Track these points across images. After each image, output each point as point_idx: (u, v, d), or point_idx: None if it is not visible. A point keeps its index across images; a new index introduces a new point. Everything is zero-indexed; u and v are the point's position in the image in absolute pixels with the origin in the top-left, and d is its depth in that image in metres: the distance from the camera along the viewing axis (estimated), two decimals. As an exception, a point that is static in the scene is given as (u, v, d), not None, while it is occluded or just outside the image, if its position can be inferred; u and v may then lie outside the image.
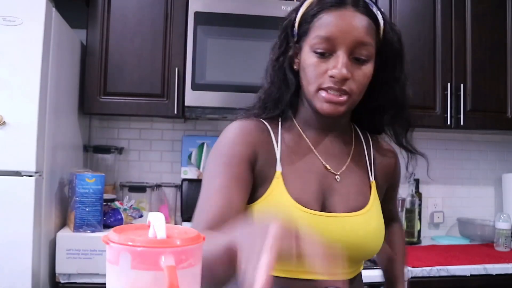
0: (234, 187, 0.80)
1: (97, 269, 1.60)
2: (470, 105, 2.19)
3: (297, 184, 0.84)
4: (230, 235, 0.59)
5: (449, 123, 2.16)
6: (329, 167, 0.88)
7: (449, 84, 2.16)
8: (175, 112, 1.95)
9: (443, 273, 1.81)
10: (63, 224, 1.80)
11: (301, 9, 0.86)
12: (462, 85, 2.17)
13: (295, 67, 0.88)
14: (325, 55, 0.81)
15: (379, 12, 0.84)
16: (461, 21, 2.21)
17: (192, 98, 1.90)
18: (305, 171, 0.87)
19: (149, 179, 2.27)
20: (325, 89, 0.81)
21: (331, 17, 0.81)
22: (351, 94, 0.82)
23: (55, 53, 1.63)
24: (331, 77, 0.80)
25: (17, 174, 1.48)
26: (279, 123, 0.91)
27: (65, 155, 1.85)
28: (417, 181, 2.42)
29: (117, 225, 1.78)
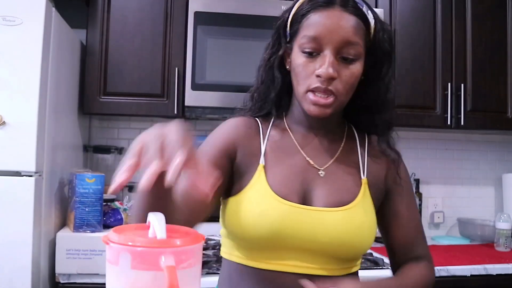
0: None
1: (97, 269, 1.60)
2: (470, 105, 2.19)
3: (278, 177, 0.86)
4: None
5: (449, 123, 2.16)
6: (312, 162, 0.89)
7: (449, 84, 2.16)
8: (175, 112, 1.95)
9: (443, 273, 1.81)
10: (63, 224, 1.80)
11: (293, 9, 0.87)
12: (462, 85, 2.17)
13: (287, 67, 0.89)
14: (313, 54, 0.82)
15: (369, 12, 0.84)
16: (461, 21, 2.21)
17: (192, 98, 1.89)
18: (287, 165, 0.88)
19: (149, 179, 2.27)
20: (312, 90, 0.82)
21: (319, 17, 0.82)
22: (337, 95, 0.82)
23: (55, 53, 1.63)
24: (318, 76, 0.81)
25: (17, 174, 1.48)
26: (271, 120, 0.94)
27: (65, 155, 1.85)
28: (417, 181, 2.42)
29: (117, 225, 1.78)
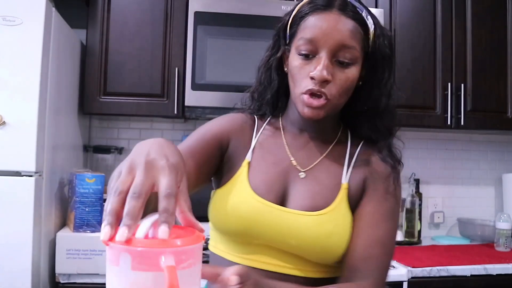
0: (195, 150, 0.85)
1: (97, 269, 1.60)
2: (470, 105, 2.19)
3: (259, 175, 0.87)
4: None
5: (449, 123, 2.16)
6: (295, 163, 0.89)
7: (449, 84, 2.16)
8: (175, 112, 1.95)
9: (443, 273, 1.81)
10: (63, 224, 1.80)
11: (293, 11, 0.88)
12: (462, 85, 2.17)
13: (285, 68, 0.89)
14: (309, 57, 0.82)
15: (369, 17, 0.84)
16: (461, 21, 2.21)
17: (192, 98, 1.90)
18: (271, 164, 0.89)
19: (149, 179, 2.27)
20: (306, 92, 0.82)
21: (316, 19, 0.82)
22: (330, 98, 0.82)
23: (55, 53, 1.63)
24: (312, 78, 0.81)
25: (17, 174, 1.48)
26: (267, 119, 0.95)
27: (65, 155, 1.85)
28: (417, 181, 2.42)
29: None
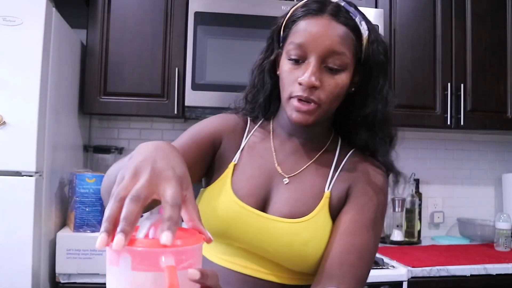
0: (188, 149, 0.85)
1: (97, 269, 1.60)
2: (470, 105, 2.19)
3: (243, 178, 0.86)
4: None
5: (449, 123, 2.16)
6: (279, 169, 0.88)
7: (449, 84, 2.16)
8: (175, 112, 1.95)
9: (443, 273, 1.81)
10: (63, 224, 1.80)
11: (287, 15, 0.87)
12: (462, 85, 2.17)
13: (278, 72, 0.89)
14: (298, 62, 0.82)
15: (363, 23, 0.82)
16: (461, 21, 2.21)
17: (192, 98, 1.90)
18: (256, 167, 0.88)
19: (149, 179, 2.27)
20: (295, 97, 0.81)
21: (307, 24, 0.81)
22: (319, 104, 0.81)
23: (55, 53, 1.63)
24: (300, 84, 0.80)
25: (17, 174, 1.48)
26: (259, 122, 0.95)
27: (65, 155, 1.85)
28: (417, 181, 2.42)
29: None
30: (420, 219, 2.39)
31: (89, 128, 2.27)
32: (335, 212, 0.85)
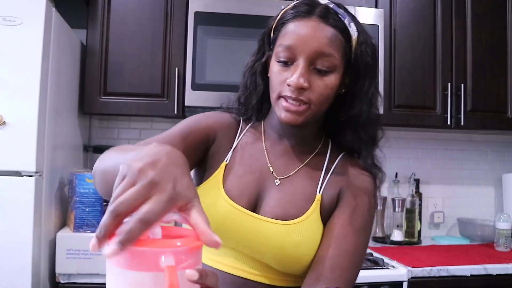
0: (180, 140, 0.84)
1: (97, 269, 1.60)
2: (470, 105, 2.20)
3: (234, 178, 0.86)
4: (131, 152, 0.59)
5: (449, 123, 2.16)
6: (272, 170, 0.88)
7: (449, 84, 2.16)
8: (175, 112, 1.95)
9: (443, 273, 1.81)
10: (63, 224, 1.80)
11: (277, 17, 0.87)
12: (462, 85, 2.17)
13: (269, 74, 0.89)
14: (287, 63, 0.82)
15: (352, 24, 0.83)
16: (461, 21, 2.21)
17: (192, 98, 1.90)
18: (248, 168, 0.88)
19: (149, 179, 2.27)
20: (284, 97, 0.81)
21: (295, 26, 0.81)
22: (310, 104, 0.81)
23: (55, 53, 1.63)
24: (288, 85, 0.80)
25: (17, 174, 1.48)
26: (251, 122, 0.95)
27: (65, 155, 1.86)
28: (417, 181, 2.42)
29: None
30: (420, 219, 2.39)
31: (89, 128, 2.27)
32: (326, 215, 0.86)
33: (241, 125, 0.94)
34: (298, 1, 0.86)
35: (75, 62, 1.95)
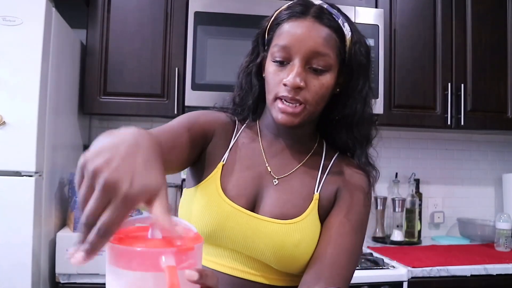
0: (181, 134, 0.83)
1: (97, 269, 1.60)
2: (470, 105, 2.19)
3: (232, 178, 0.86)
4: None
5: (449, 123, 2.16)
6: (269, 169, 0.88)
7: (449, 84, 2.16)
8: (175, 112, 1.95)
9: (443, 273, 1.81)
10: (63, 224, 1.80)
11: (272, 17, 0.88)
12: (462, 85, 2.17)
13: (264, 74, 0.89)
14: (283, 63, 0.82)
15: (346, 24, 0.84)
16: (461, 21, 2.21)
17: (192, 98, 1.89)
18: (245, 167, 0.88)
19: (149, 179, 2.27)
20: (280, 98, 0.82)
21: (290, 26, 0.82)
22: (305, 104, 0.81)
23: (55, 53, 1.63)
24: (285, 85, 0.81)
25: (17, 174, 1.48)
26: (246, 123, 0.95)
27: (65, 155, 1.85)
28: (417, 181, 2.42)
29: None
30: (420, 219, 2.39)
31: (89, 128, 2.27)
32: (323, 214, 0.87)
33: (236, 125, 0.94)
34: (292, 2, 0.86)
35: (75, 62, 1.95)
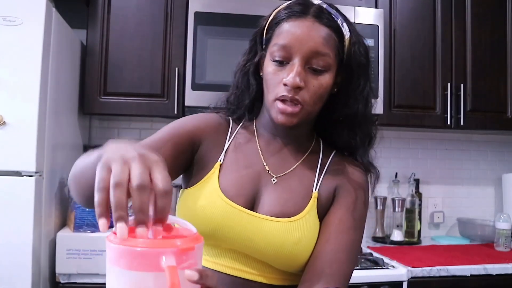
0: (163, 145, 0.84)
1: (97, 269, 1.60)
2: (470, 105, 2.19)
3: (230, 177, 0.86)
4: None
5: (449, 123, 2.16)
6: (267, 168, 0.88)
7: (449, 84, 2.16)
8: (175, 112, 1.95)
9: (443, 273, 1.81)
10: (63, 224, 1.80)
11: (270, 17, 0.88)
12: (462, 85, 2.17)
13: (261, 73, 0.89)
14: (283, 63, 0.82)
15: (344, 24, 0.84)
16: (461, 21, 2.21)
17: (192, 98, 1.89)
18: (243, 167, 0.88)
19: (149, 179, 2.27)
20: (280, 99, 0.82)
21: (290, 26, 0.82)
22: (303, 105, 0.82)
23: (55, 53, 1.63)
24: (285, 85, 0.81)
25: (17, 174, 1.48)
26: (242, 122, 0.95)
27: (65, 155, 1.85)
28: (417, 181, 2.42)
29: (117, 225, 1.78)
30: (420, 219, 2.38)
31: (89, 128, 2.27)
32: (322, 212, 0.87)
33: (231, 125, 0.94)
34: (290, 1, 0.86)
35: (75, 62, 1.95)
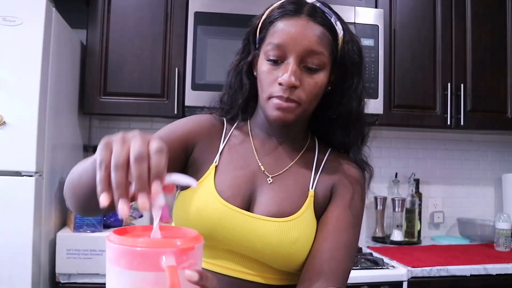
0: None
1: (97, 269, 1.60)
2: (470, 105, 2.19)
3: (226, 179, 0.86)
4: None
5: (449, 123, 2.16)
6: (263, 168, 0.88)
7: (449, 84, 2.16)
8: (175, 112, 1.95)
9: (443, 273, 1.81)
10: (63, 224, 1.80)
11: (263, 16, 0.88)
12: (462, 85, 2.17)
13: (255, 73, 0.89)
14: (277, 62, 0.82)
15: (338, 23, 0.84)
16: (461, 21, 2.21)
17: (192, 98, 1.89)
18: (239, 168, 0.88)
19: (149, 179, 2.27)
20: (275, 97, 0.82)
21: (284, 25, 0.82)
22: (300, 103, 0.82)
23: (55, 53, 1.63)
24: (280, 84, 0.81)
25: (17, 174, 1.48)
26: (236, 123, 0.95)
27: (65, 155, 1.85)
28: (417, 181, 2.42)
29: (117, 225, 1.78)
30: (420, 219, 2.39)
31: (89, 128, 2.27)
32: (319, 211, 0.87)
33: (225, 126, 0.94)
34: (284, 0, 0.86)
35: (75, 62, 1.95)
